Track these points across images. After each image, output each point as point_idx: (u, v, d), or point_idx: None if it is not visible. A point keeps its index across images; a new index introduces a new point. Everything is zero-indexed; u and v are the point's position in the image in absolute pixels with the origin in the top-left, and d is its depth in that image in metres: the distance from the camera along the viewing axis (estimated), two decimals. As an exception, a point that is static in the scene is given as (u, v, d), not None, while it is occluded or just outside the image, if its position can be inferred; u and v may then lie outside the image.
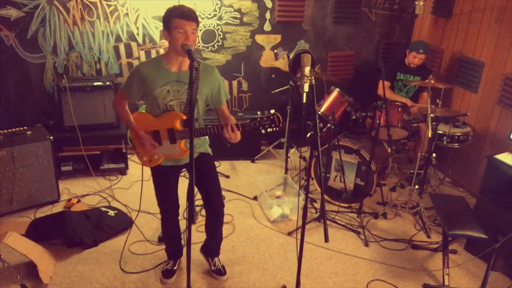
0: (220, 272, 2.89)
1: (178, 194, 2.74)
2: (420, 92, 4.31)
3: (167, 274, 2.86)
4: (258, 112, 2.10)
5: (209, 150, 2.68)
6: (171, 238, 2.91)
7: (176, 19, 2.21)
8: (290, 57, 4.27)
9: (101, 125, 4.07)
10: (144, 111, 2.55)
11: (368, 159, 3.60)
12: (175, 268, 2.89)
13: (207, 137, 2.64)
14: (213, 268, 2.90)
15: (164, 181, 2.64)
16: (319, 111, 3.88)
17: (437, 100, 3.72)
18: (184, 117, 2.38)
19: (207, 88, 2.45)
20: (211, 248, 2.94)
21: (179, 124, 2.40)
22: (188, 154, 2.31)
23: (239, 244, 3.27)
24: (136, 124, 2.52)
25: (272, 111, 2.19)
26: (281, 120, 2.17)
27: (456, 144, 3.89)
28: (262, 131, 2.20)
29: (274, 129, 2.19)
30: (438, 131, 3.83)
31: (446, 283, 2.86)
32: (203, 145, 2.64)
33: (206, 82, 2.42)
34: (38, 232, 3.12)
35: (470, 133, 3.94)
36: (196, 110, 2.44)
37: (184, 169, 2.72)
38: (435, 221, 3.66)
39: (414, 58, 4.16)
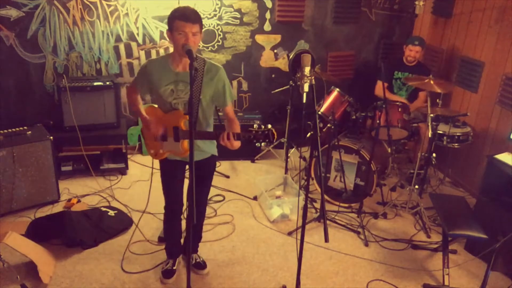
0: (200, 265, 2.93)
1: (183, 192, 2.73)
2: (419, 91, 4.30)
3: (167, 274, 2.86)
4: (255, 126, 2.08)
5: (216, 152, 2.68)
6: (172, 236, 2.92)
7: (177, 20, 2.21)
8: (290, 57, 4.27)
9: (101, 125, 4.08)
10: (156, 106, 2.57)
11: (368, 159, 3.60)
12: (175, 268, 2.90)
13: None
14: (192, 262, 2.94)
15: (170, 173, 2.65)
16: (319, 111, 3.88)
17: (437, 100, 3.72)
18: None
19: (211, 89, 2.42)
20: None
21: (183, 124, 2.41)
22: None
23: (239, 244, 3.27)
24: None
25: (269, 126, 2.16)
26: (275, 136, 2.15)
27: (456, 144, 3.89)
28: (257, 144, 2.19)
29: (268, 143, 2.20)
30: (438, 131, 3.83)
31: (446, 283, 2.86)
32: (212, 146, 2.64)
33: (210, 83, 2.40)
34: (38, 232, 3.12)
35: (470, 133, 3.94)
36: (201, 111, 2.43)
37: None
38: (435, 221, 3.66)
39: (410, 51, 4.18)
